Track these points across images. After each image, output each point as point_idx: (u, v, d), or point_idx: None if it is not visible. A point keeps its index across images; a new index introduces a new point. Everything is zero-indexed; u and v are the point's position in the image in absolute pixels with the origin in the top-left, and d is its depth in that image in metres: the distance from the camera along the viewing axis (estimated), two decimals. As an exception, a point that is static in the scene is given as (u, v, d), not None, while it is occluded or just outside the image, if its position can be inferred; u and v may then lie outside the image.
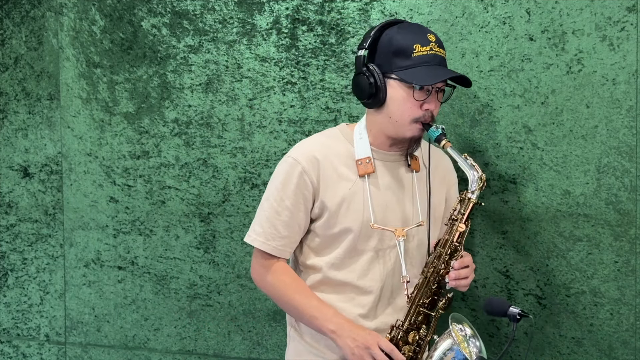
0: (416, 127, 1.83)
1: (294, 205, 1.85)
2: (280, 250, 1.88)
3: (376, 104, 1.83)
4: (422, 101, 1.79)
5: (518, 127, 2.13)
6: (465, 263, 1.82)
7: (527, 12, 2.10)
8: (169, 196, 2.50)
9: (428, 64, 1.78)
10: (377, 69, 1.81)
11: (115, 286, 2.59)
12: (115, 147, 2.54)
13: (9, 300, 2.73)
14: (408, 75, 1.77)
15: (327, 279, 1.88)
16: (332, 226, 1.85)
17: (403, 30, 1.82)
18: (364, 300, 1.87)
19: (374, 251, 1.87)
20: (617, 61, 2.04)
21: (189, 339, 2.53)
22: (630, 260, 2.07)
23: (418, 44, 1.78)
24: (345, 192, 1.85)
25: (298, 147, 1.91)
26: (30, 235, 2.68)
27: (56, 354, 2.69)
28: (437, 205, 1.96)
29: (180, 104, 2.46)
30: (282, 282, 1.88)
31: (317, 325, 1.83)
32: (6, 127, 2.67)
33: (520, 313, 1.73)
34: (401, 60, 1.78)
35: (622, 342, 2.10)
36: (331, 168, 1.85)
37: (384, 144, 1.89)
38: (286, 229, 1.86)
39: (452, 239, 1.82)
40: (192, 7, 2.42)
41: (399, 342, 1.81)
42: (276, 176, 1.89)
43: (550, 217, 2.12)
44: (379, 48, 1.83)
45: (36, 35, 2.60)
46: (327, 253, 1.88)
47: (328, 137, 1.93)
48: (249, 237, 1.91)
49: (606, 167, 2.07)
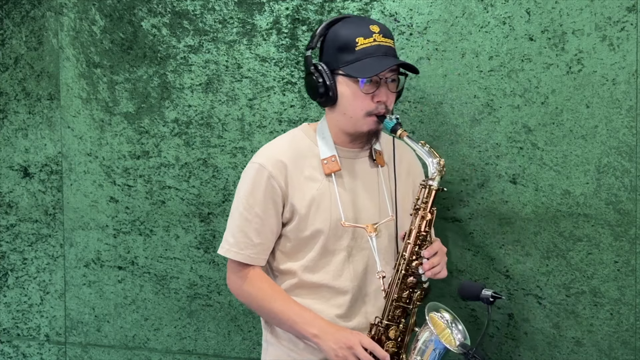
0: (371, 120, 1.81)
1: (264, 211, 1.83)
2: (254, 259, 1.85)
3: (329, 102, 1.83)
4: (372, 94, 1.78)
5: (518, 127, 2.13)
6: (435, 249, 1.79)
7: (527, 12, 2.10)
8: (169, 196, 2.50)
9: (372, 55, 1.76)
10: (325, 67, 1.80)
11: (115, 286, 2.59)
12: (115, 147, 2.54)
13: (9, 300, 2.73)
14: (352, 70, 1.76)
15: (302, 282, 1.86)
16: (303, 229, 1.84)
17: (346, 24, 1.81)
18: (340, 300, 1.85)
19: (346, 250, 1.86)
20: (617, 61, 2.04)
21: (189, 339, 2.53)
22: (630, 260, 2.07)
23: (360, 36, 1.76)
24: (314, 193, 1.84)
25: (263, 152, 1.88)
26: (30, 235, 2.68)
27: (56, 354, 2.69)
28: (404, 198, 1.95)
29: (180, 104, 2.46)
30: (259, 290, 1.86)
31: (298, 330, 1.81)
32: (6, 127, 2.67)
33: (494, 295, 1.72)
34: (346, 55, 1.77)
35: (622, 342, 2.10)
36: (298, 170, 1.84)
37: (345, 141, 1.88)
38: (259, 236, 1.84)
39: (418, 229, 1.80)
40: (192, 7, 2.42)
41: (381, 339, 1.81)
42: (243, 184, 1.87)
43: (550, 217, 2.12)
44: (325, 46, 1.83)
45: (36, 35, 2.60)
46: (300, 256, 1.86)
47: (292, 139, 1.90)
48: (222, 249, 1.88)
49: (606, 167, 2.07)
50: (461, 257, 2.21)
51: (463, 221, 2.20)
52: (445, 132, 2.19)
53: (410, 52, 2.21)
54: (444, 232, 2.21)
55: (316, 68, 1.81)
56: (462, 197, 2.19)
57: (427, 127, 2.21)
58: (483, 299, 1.74)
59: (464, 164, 2.18)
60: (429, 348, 1.76)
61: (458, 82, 2.17)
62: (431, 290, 1.84)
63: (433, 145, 2.20)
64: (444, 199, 2.20)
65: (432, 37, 2.19)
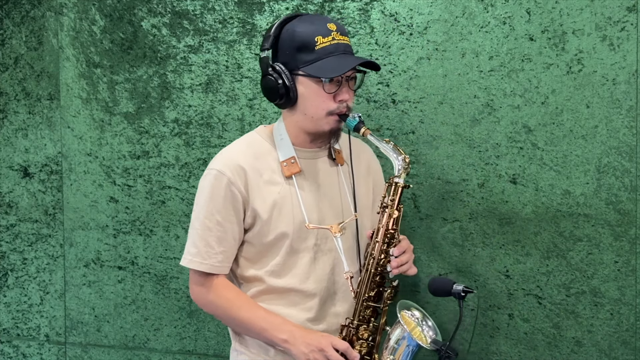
0: (333, 120, 1.79)
1: (225, 219, 1.79)
2: (218, 267, 1.81)
3: (289, 103, 1.80)
4: (334, 93, 1.76)
5: (518, 127, 2.13)
6: (403, 248, 1.78)
7: (527, 12, 2.10)
8: (169, 196, 2.50)
9: (332, 54, 1.74)
10: (284, 68, 1.77)
11: (115, 286, 2.59)
12: (115, 147, 2.54)
13: (9, 300, 2.73)
14: (315, 70, 1.73)
15: (269, 287, 1.83)
16: (267, 234, 1.80)
17: (302, 23, 1.77)
18: (309, 303, 1.83)
19: (312, 252, 1.83)
20: (617, 61, 2.04)
21: (189, 339, 2.53)
22: (630, 260, 2.07)
23: (319, 35, 1.74)
24: (275, 197, 1.80)
25: (220, 158, 1.83)
26: (30, 235, 2.68)
27: (56, 354, 2.69)
28: (365, 196, 1.94)
29: (180, 104, 2.46)
30: (224, 299, 1.81)
31: (267, 337, 1.78)
32: (6, 127, 2.67)
33: (465, 289, 1.71)
34: (305, 55, 1.74)
35: (622, 342, 2.10)
36: (257, 174, 1.80)
37: (305, 141, 1.85)
38: (221, 244, 1.80)
39: (386, 227, 1.78)
40: (192, 7, 2.42)
41: (352, 339, 1.79)
42: (202, 192, 1.82)
43: (550, 217, 2.12)
44: (281, 46, 1.79)
45: (36, 35, 2.60)
46: (264, 262, 1.83)
47: (249, 143, 1.87)
48: (185, 260, 1.83)
49: (606, 167, 2.07)
50: (461, 257, 2.21)
51: (463, 221, 2.20)
52: (445, 132, 2.19)
53: (410, 52, 2.21)
54: (445, 232, 2.21)
55: (274, 69, 1.77)
56: (462, 197, 2.19)
57: (427, 127, 2.21)
58: (454, 294, 1.72)
59: (464, 164, 2.18)
60: (401, 346, 1.75)
61: (458, 82, 2.17)
62: (400, 287, 1.83)
63: (433, 145, 2.20)
64: (443, 198, 2.20)
65: (432, 37, 2.19)
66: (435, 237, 2.23)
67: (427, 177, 2.22)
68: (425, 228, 2.23)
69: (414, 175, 2.22)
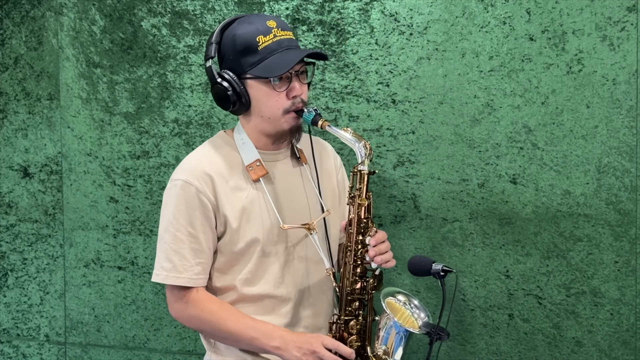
0: (291, 117, 1.76)
1: (197, 229, 1.74)
2: (196, 280, 1.75)
3: (243, 108, 1.77)
4: (285, 91, 1.74)
5: (518, 127, 2.13)
6: (381, 238, 1.75)
7: (527, 12, 2.10)
8: (169, 196, 2.49)
9: (276, 51, 1.71)
10: (231, 74, 1.73)
11: (115, 286, 2.59)
12: (115, 147, 2.54)
13: (9, 300, 2.73)
14: (261, 71, 1.70)
15: (242, 296, 1.79)
16: (237, 241, 1.77)
17: (241, 25, 1.73)
18: (284, 309, 1.81)
19: (284, 256, 1.81)
20: (617, 61, 2.04)
21: (189, 339, 2.53)
22: (630, 260, 2.07)
23: (260, 35, 1.71)
24: (243, 203, 1.77)
25: (184, 166, 1.78)
26: (30, 235, 2.68)
27: (56, 354, 2.69)
28: (330, 193, 1.93)
29: (180, 104, 2.46)
30: (208, 312, 1.75)
31: (258, 345, 1.74)
32: (6, 127, 2.67)
33: (444, 268, 1.69)
34: (250, 57, 1.71)
35: (622, 342, 2.10)
36: (223, 181, 1.76)
37: (267, 144, 1.82)
38: (196, 255, 1.75)
39: (358, 217, 1.76)
40: (192, 7, 2.42)
41: (343, 335, 1.78)
42: (169, 203, 1.76)
43: (550, 217, 2.12)
44: (224, 52, 1.75)
45: (36, 35, 2.60)
46: (236, 270, 1.79)
47: (212, 149, 1.82)
48: (159, 276, 1.76)
49: (606, 167, 2.07)
50: (461, 257, 2.21)
51: (463, 221, 2.20)
52: (445, 132, 2.19)
53: (410, 52, 2.21)
54: (445, 232, 2.21)
55: (222, 77, 1.74)
56: (462, 197, 2.19)
57: (427, 127, 2.21)
58: (434, 274, 1.69)
59: (464, 164, 2.18)
60: (391, 334, 1.74)
61: (458, 82, 2.17)
62: (384, 275, 1.82)
63: (433, 145, 2.20)
64: (443, 198, 2.20)
65: (432, 37, 2.19)
66: (435, 237, 2.23)
67: (427, 177, 2.22)
68: (425, 228, 2.23)
69: (414, 175, 2.22)
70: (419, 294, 2.26)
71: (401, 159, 2.24)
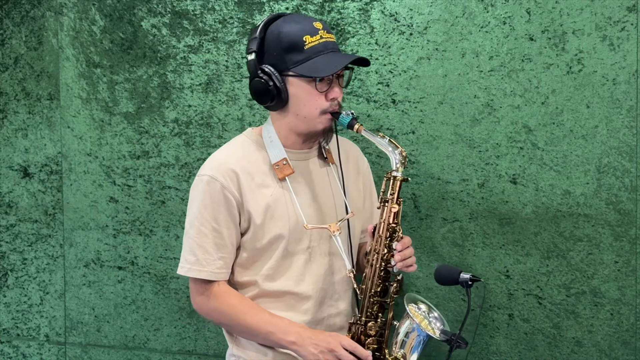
0: (326, 118, 1.78)
1: (221, 224, 1.77)
2: (218, 274, 1.79)
3: (280, 105, 1.78)
4: (325, 92, 1.75)
5: (518, 127, 2.13)
6: (407, 243, 1.77)
7: (527, 12, 2.10)
8: (169, 196, 2.49)
9: (322, 53, 1.73)
10: (273, 70, 1.74)
11: (115, 286, 2.59)
12: (115, 147, 2.54)
13: (9, 300, 2.73)
14: (306, 70, 1.72)
15: (264, 291, 1.81)
16: (260, 238, 1.79)
17: (288, 23, 1.75)
18: (305, 306, 1.82)
19: (306, 254, 1.82)
20: (617, 61, 2.04)
21: (189, 339, 2.53)
22: (630, 260, 2.07)
23: (307, 35, 1.72)
24: (268, 200, 1.78)
25: (210, 163, 1.81)
26: (30, 235, 2.68)
27: (56, 354, 2.69)
28: (355, 195, 1.94)
29: (180, 104, 2.46)
30: (228, 306, 1.79)
31: (275, 340, 1.76)
32: (6, 127, 2.67)
33: (472, 278, 1.70)
34: (295, 55, 1.72)
35: (622, 343, 2.10)
36: (249, 177, 1.78)
37: (296, 143, 1.84)
38: (219, 250, 1.78)
39: (387, 222, 1.78)
40: (192, 7, 2.42)
41: (360, 337, 1.78)
42: (195, 198, 1.79)
43: (550, 217, 2.12)
44: (267, 47, 1.76)
45: (36, 35, 2.60)
46: (257, 266, 1.81)
47: (239, 146, 1.85)
48: (183, 269, 1.80)
49: (606, 167, 2.07)
50: (461, 257, 2.21)
51: (463, 221, 2.20)
52: (445, 132, 2.19)
53: (410, 52, 2.21)
54: (445, 232, 2.21)
55: (263, 71, 1.75)
56: (462, 197, 2.19)
57: (427, 127, 2.21)
58: (462, 283, 1.71)
59: (464, 164, 2.18)
60: (410, 338, 1.75)
61: (458, 82, 2.17)
62: (404, 281, 1.83)
63: (433, 145, 2.20)
64: (443, 198, 2.20)
65: (432, 37, 2.19)
66: (435, 237, 2.23)
67: (427, 177, 2.22)
68: (425, 228, 2.23)
69: (414, 175, 2.22)
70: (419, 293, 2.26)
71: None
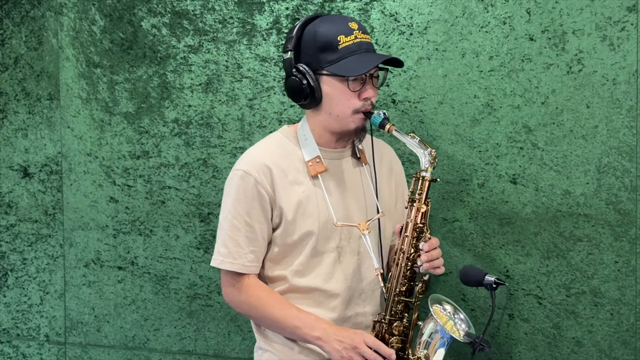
0: (358, 118, 1.80)
1: (253, 219, 1.80)
2: (248, 267, 1.83)
3: (313, 103, 1.81)
4: (358, 91, 1.77)
5: (518, 127, 2.13)
6: (434, 245, 1.79)
7: (527, 12, 2.10)
8: (169, 196, 2.50)
9: (356, 52, 1.75)
10: (307, 68, 1.78)
11: (115, 286, 2.59)
12: (115, 147, 2.54)
13: (9, 300, 2.73)
14: (339, 69, 1.74)
15: (293, 287, 1.84)
16: (291, 233, 1.82)
17: (324, 23, 1.78)
18: (333, 303, 1.84)
19: (335, 252, 1.84)
20: (617, 61, 2.04)
21: (189, 339, 2.53)
22: (630, 260, 2.07)
23: (342, 34, 1.75)
24: (300, 197, 1.81)
25: (245, 158, 1.85)
26: (30, 235, 2.68)
27: (56, 354, 2.69)
28: (387, 196, 1.95)
29: (180, 104, 2.46)
30: (256, 298, 1.83)
31: (300, 334, 1.79)
32: (6, 127, 2.67)
33: (496, 281, 1.71)
34: (329, 55, 1.75)
35: (622, 343, 2.10)
36: (282, 174, 1.81)
37: (329, 141, 1.86)
38: (250, 244, 1.81)
39: (415, 221, 1.79)
40: (192, 7, 2.42)
41: (384, 336, 1.80)
42: (229, 192, 1.84)
43: (550, 217, 2.12)
44: (303, 46, 1.80)
45: (36, 35, 2.60)
46: (288, 262, 1.85)
47: (273, 143, 1.88)
48: (216, 261, 1.85)
49: (606, 167, 2.07)
50: (461, 257, 2.21)
51: (463, 221, 2.20)
52: (445, 132, 2.19)
53: (410, 52, 2.21)
54: (445, 232, 2.21)
55: (298, 70, 1.78)
56: (462, 197, 2.19)
57: (427, 127, 2.21)
58: (486, 285, 1.72)
59: (464, 164, 2.18)
60: (434, 340, 1.76)
61: (458, 82, 2.17)
62: (431, 281, 1.83)
63: (433, 145, 2.20)
64: (443, 198, 2.20)
65: (432, 37, 2.19)
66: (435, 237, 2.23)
67: (427, 177, 2.22)
68: (425, 228, 2.23)
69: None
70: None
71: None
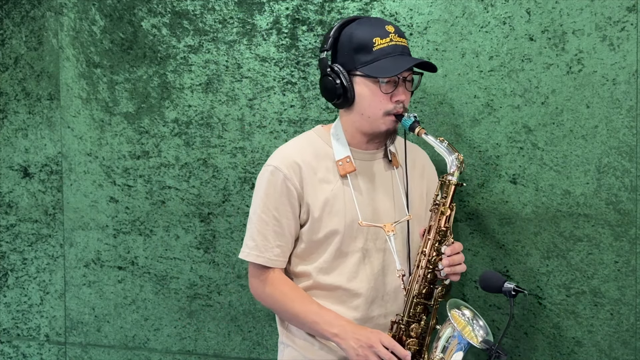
0: (389, 120, 1.82)
1: (281, 214, 1.84)
2: (274, 261, 1.87)
3: (346, 103, 1.83)
4: (390, 93, 1.79)
5: (518, 127, 2.13)
6: (457, 249, 1.80)
7: (527, 12, 2.10)
8: (169, 196, 2.50)
9: (390, 55, 1.77)
10: (342, 69, 1.81)
11: (115, 286, 2.59)
12: (115, 147, 2.54)
13: (9, 300, 2.73)
14: (372, 70, 1.76)
15: (316, 283, 1.87)
16: (317, 231, 1.85)
17: (361, 25, 1.81)
18: (355, 302, 1.86)
19: (360, 252, 1.86)
20: (617, 61, 2.04)
21: (189, 339, 2.53)
22: (630, 260, 2.07)
23: (377, 37, 1.77)
24: (327, 195, 1.84)
25: (277, 154, 1.89)
26: (30, 235, 2.68)
27: (56, 354, 2.69)
28: (417, 200, 1.95)
29: (180, 104, 2.46)
30: (280, 292, 1.87)
31: (319, 330, 1.82)
32: (6, 127, 2.67)
33: (516, 288, 1.71)
34: (363, 56, 1.77)
35: (622, 343, 2.10)
36: (312, 172, 1.85)
37: (361, 142, 1.88)
38: (277, 238, 1.85)
39: (439, 225, 1.81)
40: (192, 7, 2.42)
41: (402, 337, 1.81)
42: (259, 187, 1.88)
43: (550, 217, 2.12)
44: (340, 47, 1.83)
45: (36, 35, 2.60)
46: (313, 258, 1.88)
47: (306, 141, 1.92)
48: (243, 253, 1.90)
49: (606, 167, 2.07)
50: (461, 257, 2.21)
51: (463, 221, 2.20)
52: (445, 132, 2.19)
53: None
54: (444, 232, 2.22)
55: (332, 70, 1.82)
56: (462, 197, 2.19)
57: (427, 127, 2.21)
58: (505, 293, 1.72)
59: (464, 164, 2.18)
60: (451, 345, 1.76)
61: (458, 82, 2.17)
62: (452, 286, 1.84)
63: (433, 145, 2.20)
64: (444, 199, 2.20)
65: (432, 37, 2.19)
66: (435, 237, 2.23)
67: (427, 177, 2.22)
68: (425, 228, 2.24)
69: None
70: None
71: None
